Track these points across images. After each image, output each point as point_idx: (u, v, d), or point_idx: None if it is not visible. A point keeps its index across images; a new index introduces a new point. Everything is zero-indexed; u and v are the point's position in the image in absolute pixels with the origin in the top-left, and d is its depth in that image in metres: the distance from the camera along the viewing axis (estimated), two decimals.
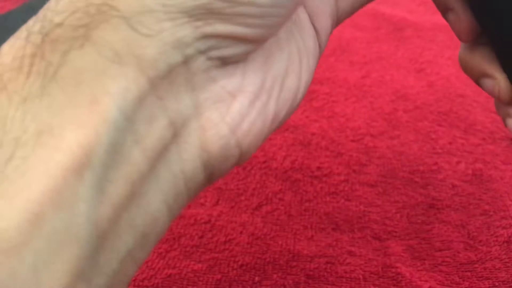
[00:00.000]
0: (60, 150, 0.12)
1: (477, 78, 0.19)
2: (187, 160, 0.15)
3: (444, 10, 0.19)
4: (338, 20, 0.20)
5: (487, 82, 0.19)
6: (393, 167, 0.38)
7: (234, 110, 0.15)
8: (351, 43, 0.54)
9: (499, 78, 0.18)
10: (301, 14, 0.18)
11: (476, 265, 0.30)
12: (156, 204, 0.14)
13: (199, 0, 0.14)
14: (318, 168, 0.37)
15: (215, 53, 0.15)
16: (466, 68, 0.20)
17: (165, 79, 0.14)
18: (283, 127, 0.41)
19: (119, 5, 0.13)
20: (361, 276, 0.30)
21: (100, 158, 0.12)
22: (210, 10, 0.14)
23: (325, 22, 0.19)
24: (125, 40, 0.13)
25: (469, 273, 0.30)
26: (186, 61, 0.14)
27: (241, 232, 0.32)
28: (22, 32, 0.14)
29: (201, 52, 0.14)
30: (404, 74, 0.49)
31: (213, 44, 0.14)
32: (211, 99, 0.15)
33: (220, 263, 0.30)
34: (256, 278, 0.30)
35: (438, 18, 0.69)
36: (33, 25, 0.13)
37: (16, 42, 0.13)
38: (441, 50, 0.54)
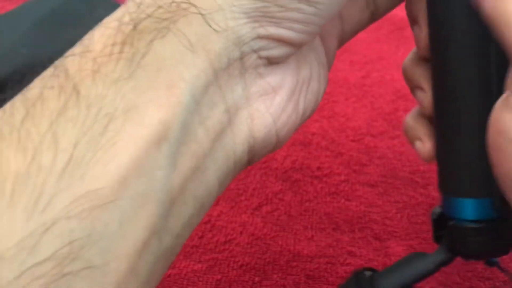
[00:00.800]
0: (144, 125, 0.14)
1: (413, 87, 0.22)
2: (238, 143, 0.17)
3: (412, 22, 0.22)
4: (342, 41, 0.23)
5: (419, 94, 0.21)
6: (393, 167, 0.38)
7: (276, 103, 0.18)
8: (352, 42, 0.53)
9: (428, 93, 0.20)
10: None
11: (477, 265, 0.30)
12: (213, 179, 0.16)
13: (257, 4, 0.16)
14: (318, 168, 0.37)
15: (264, 53, 0.17)
16: (407, 76, 0.22)
17: (225, 71, 0.16)
18: None
19: (197, 2, 0.16)
20: None
21: (174, 134, 0.15)
22: (265, 13, 0.16)
23: (332, 42, 0.22)
24: (198, 34, 0.15)
25: (470, 274, 0.30)
26: (242, 57, 0.16)
27: (241, 232, 0.32)
28: (111, 21, 0.15)
29: (254, 50, 0.17)
30: None
31: (264, 44, 0.17)
32: (259, 92, 0.17)
33: (220, 263, 0.30)
34: (256, 278, 0.30)
35: None
36: (123, 16, 0.16)
37: (106, 30, 0.15)
38: None
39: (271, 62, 0.17)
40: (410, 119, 0.21)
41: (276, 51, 0.17)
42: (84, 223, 0.13)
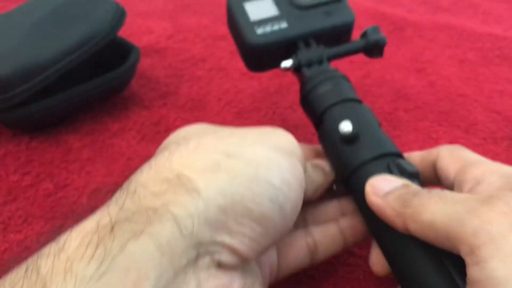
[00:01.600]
0: None
1: None
2: None
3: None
4: (278, 275, 0.26)
5: None
6: None
7: None
8: None
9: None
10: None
11: None
12: None
13: (220, 216, 0.19)
14: None
15: (217, 256, 0.19)
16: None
17: (183, 270, 0.18)
18: (284, 127, 0.41)
19: (173, 209, 0.18)
20: (361, 277, 0.30)
21: None
22: (224, 225, 0.19)
23: (267, 271, 0.25)
24: (167, 237, 0.17)
25: None
26: (197, 257, 0.18)
27: None
28: (90, 223, 0.17)
29: (209, 252, 0.19)
30: (404, 74, 0.49)
31: (218, 249, 0.19)
32: None
33: None
34: None
35: (439, 17, 0.68)
36: (102, 217, 0.17)
37: (83, 231, 0.17)
38: (441, 49, 0.54)
39: (221, 266, 0.20)
40: None
41: (227, 257, 0.19)
42: None
